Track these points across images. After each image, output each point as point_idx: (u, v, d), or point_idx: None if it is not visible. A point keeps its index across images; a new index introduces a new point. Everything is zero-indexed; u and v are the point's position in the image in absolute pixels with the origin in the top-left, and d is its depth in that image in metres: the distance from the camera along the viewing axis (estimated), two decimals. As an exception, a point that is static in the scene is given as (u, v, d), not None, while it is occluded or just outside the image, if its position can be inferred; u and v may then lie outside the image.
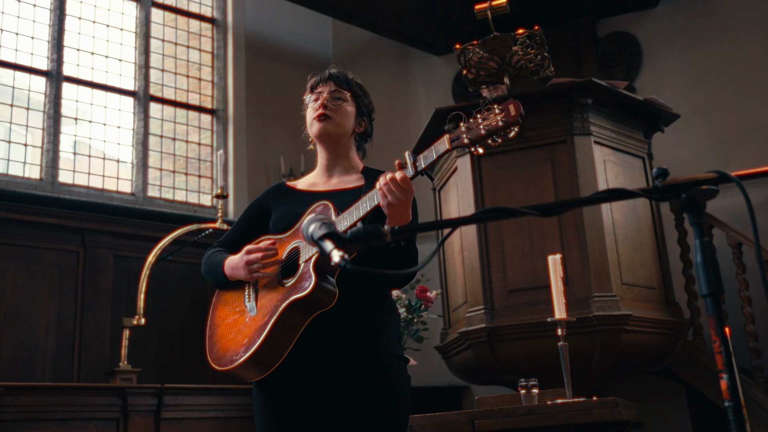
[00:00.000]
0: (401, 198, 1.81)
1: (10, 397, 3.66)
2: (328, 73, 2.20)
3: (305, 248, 1.92)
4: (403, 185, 1.80)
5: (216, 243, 2.25)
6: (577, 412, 2.90)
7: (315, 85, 2.20)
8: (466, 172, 4.23)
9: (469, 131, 1.74)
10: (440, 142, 1.78)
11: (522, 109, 1.66)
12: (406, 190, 1.81)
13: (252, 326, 1.94)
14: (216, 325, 2.09)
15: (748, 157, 5.15)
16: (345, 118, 2.16)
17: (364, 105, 2.23)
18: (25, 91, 5.33)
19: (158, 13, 6.12)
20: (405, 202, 1.82)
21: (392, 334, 2.03)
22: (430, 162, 1.79)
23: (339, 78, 2.19)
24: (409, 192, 1.82)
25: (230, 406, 4.32)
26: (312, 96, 2.19)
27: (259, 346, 1.86)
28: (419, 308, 4.36)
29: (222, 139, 6.09)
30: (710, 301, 1.16)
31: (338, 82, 2.18)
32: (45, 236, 4.78)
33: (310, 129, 2.18)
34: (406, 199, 1.82)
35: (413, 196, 1.97)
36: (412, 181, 1.84)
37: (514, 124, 1.67)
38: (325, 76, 2.20)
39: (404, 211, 1.84)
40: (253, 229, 2.17)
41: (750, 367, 4.28)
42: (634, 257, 4.11)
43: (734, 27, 5.59)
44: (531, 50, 4.11)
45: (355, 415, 1.88)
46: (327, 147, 2.18)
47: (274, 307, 1.89)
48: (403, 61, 6.58)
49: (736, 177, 1.18)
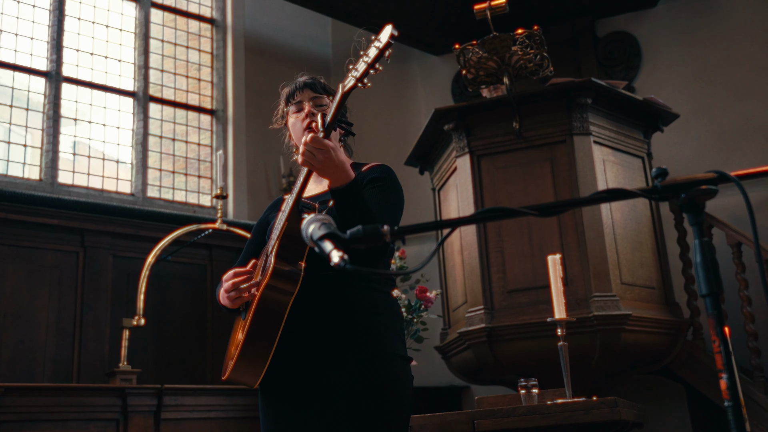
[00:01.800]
0: (320, 157, 1.84)
1: (9, 398, 3.66)
2: (303, 81, 2.21)
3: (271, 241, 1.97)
4: (315, 144, 1.84)
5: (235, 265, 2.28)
6: (577, 412, 2.91)
7: (291, 94, 2.21)
8: (466, 172, 4.23)
9: (356, 71, 1.81)
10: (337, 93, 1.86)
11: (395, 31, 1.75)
12: (320, 149, 1.84)
13: (241, 329, 1.97)
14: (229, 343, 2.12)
15: (748, 157, 5.16)
16: None
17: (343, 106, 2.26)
18: (25, 92, 5.33)
19: (157, 13, 6.12)
20: (325, 161, 1.84)
21: (393, 333, 2.03)
22: (332, 114, 1.86)
23: (315, 84, 2.20)
24: (325, 150, 1.84)
25: (230, 407, 4.32)
26: (292, 107, 2.19)
27: (242, 345, 1.89)
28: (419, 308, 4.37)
29: (221, 140, 6.10)
30: (710, 301, 1.16)
31: (315, 88, 2.19)
32: (44, 237, 4.78)
33: (301, 140, 2.19)
34: (325, 158, 1.84)
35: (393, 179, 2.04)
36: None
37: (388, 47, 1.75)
38: (300, 84, 2.20)
39: (333, 169, 1.86)
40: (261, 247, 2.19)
41: (750, 367, 4.28)
42: (634, 257, 4.11)
43: (733, 26, 5.59)
44: (530, 50, 4.11)
45: (355, 414, 1.89)
46: None
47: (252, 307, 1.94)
48: (402, 62, 6.58)
49: (735, 177, 1.18)
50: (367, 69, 1.78)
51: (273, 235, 2.01)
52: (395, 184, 2.09)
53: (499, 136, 4.22)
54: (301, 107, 2.16)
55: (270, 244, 2.01)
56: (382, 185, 2.04)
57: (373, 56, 1.77)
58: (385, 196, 2.02)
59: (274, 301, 1.88)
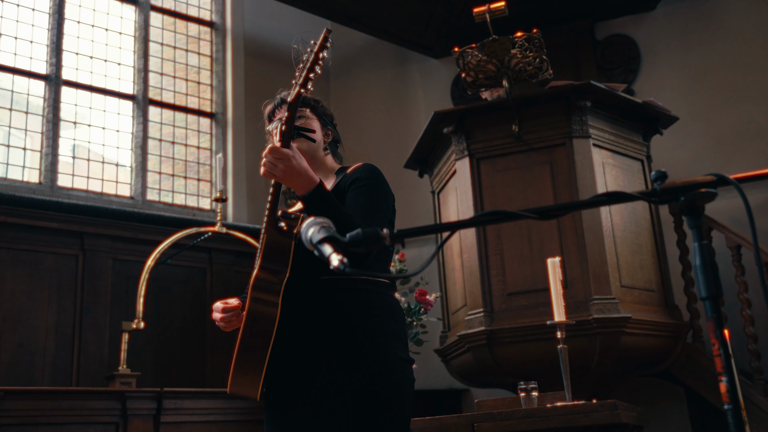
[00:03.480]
0: (281, 167, 1.87)
1: (9, 402, 3.65)
2: (279, 98, 2.26)
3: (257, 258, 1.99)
4: (273, 154, 1.88)
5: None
6: (576, 414, 2.90)
7: (272, 113, 2.27)
8: (465, 175, 4.23)
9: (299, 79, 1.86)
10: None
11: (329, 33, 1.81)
12: (280, 158, 1.87)
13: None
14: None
15: (747, 160, 5.16)
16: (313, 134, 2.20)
17: (324, 115, 2.29)
18: (24, 95, 5.33)
19: (157, 16, 6.13)
20: (286, 169, 1.87)
21: (394, 335, 2.03)
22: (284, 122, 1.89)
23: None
24: (284, 158, 1.87)
25: (229, 410, 4.31)
26: (274, 124, 2.24)
27: (235, 359, 1.93)
28: (419, 311, 4.37)
29: (221, 143, 6.10)
30: (709, 304, 1.16)
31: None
32: (44, 240, 4.78)
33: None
34: (285, 167, 1.87)
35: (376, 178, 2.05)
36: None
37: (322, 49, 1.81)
38: (278, 101, 2.26)
39: (296, 177, 1.89)
40: None
41: (749, 370, 4.28)
42: (634, 260, 4.11)
43: (732, 30, 5.60)
44: (530, 53, 4.11)
45: (355, 418, 1.89)
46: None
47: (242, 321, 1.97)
48: (401, 65, 6.59)
49: (734, 180, 1.18)
50: (306, 75, 1.84)
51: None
52: (378, 182, 2.09)
53: (498, 139, 4.22)
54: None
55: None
56: (365, 184, 2.04)
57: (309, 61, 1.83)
58: (368, 195, 2.03)
59: (261, 313, 1.91)
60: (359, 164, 2.16)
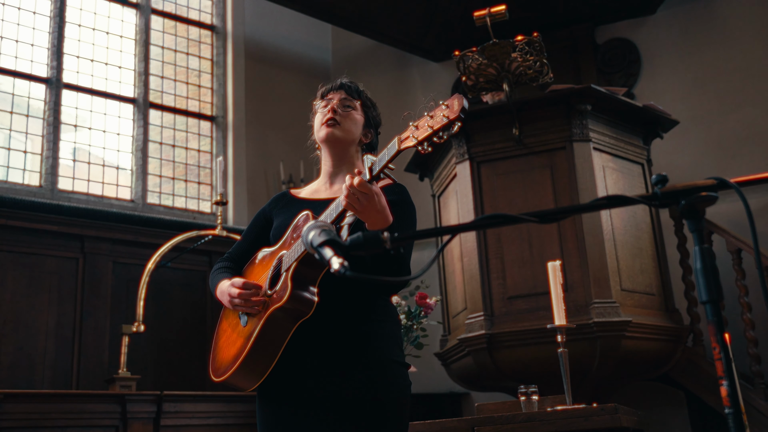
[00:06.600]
0: (364, 202, 1.80)
1: (9, 404, 3.65)
2: (340, 82, 2.24)
3: (288, 257, 1.94)
4: (361, 189, 1.78)
5: (225, 254, 2.28)
6: (577, 418, 2.90)
7: (326, 92, 2.23)
8: (466, 179, 4.23)
9: (417, 130, 1.75)
10: (391, 144, 1.79)
11: (465, 103, 1.67)
12: (366, 194, 1.79)
13: (242, 336, 1.98)
14: (218, 337, 2.14)
15: (747, 164, 5.16)
16: (353, 125, 2.18)
17: (372, 116, 2.27)
18: (25, 98, 5.33)
19: (158, 20, 6.14)
20: (368, 206, 1.80)
21: (391, 340, 2.03)
22: (384, 164, 1.78)
23: (350, 87, 2.23)
24: (370, 195, 1.79)
25: (229, 413, 4.31)
26: (321, 102, 2.21)
27: (246, 355, 1.91)
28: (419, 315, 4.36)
29: (221, 146, 6.10)
30: (710, 308, 1.16)
31: (349, 91, 2.21)
32: (44, 243, 4.78)
33: (318, 133, 2.19)
34: (368, 203, 1.80)
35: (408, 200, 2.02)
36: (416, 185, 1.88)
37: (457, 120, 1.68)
38: (337, 84, 2.23)
39: (374, 214, 1.83)
40: (259, 239, 2.20)
41: (750, 373, 4.27)
42: (634, 263, 4.11)
43: (733, 34, 5.60)
44: (530, 57, 4.12)
45: (353, 421, 1.88)
46: (332, 153, 2.19)
47: (259, 317, 1.94)
48: (402, 68, 6.60)
49: (735, 183, 1.18)
50: (429, 135, 1.72)
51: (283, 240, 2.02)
52: (411, 206, 2.10)
53: (498, 143, 4.22)
54: (329, 104, 2.18)
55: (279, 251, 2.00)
56: (400, 209, 2.02)
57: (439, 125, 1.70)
58: (402, 218, 2.02)
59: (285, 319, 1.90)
60: (390, 182, 2.11)
